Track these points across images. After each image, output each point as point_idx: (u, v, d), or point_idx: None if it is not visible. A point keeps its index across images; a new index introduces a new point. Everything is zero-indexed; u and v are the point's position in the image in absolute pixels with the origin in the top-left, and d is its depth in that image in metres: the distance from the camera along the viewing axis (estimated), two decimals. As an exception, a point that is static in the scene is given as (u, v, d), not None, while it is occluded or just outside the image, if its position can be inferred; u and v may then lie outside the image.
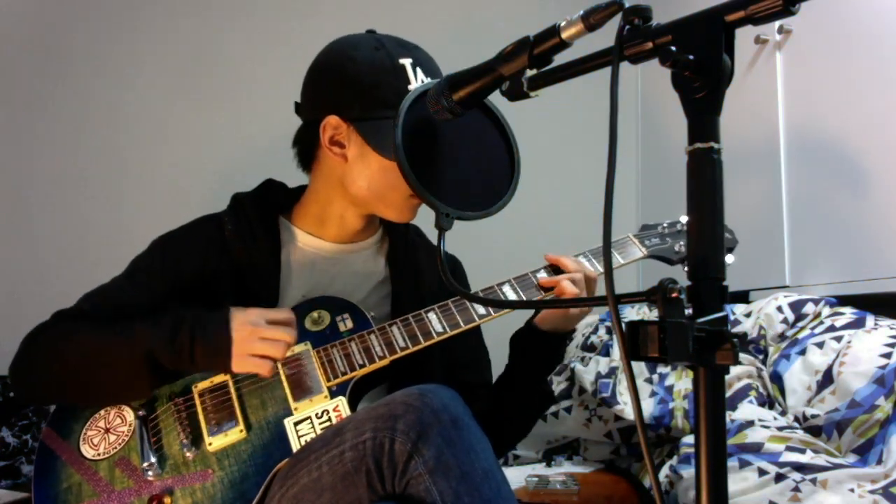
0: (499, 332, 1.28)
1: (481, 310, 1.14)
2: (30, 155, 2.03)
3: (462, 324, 1.13)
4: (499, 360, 1.33)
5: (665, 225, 1.32)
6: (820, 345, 1.40)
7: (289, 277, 1.21)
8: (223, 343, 1.02)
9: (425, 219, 1.17)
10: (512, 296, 1.17)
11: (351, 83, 1.12)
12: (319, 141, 1.16)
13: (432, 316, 1.13)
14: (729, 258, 1.24)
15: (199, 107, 2.18)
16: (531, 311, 1.25)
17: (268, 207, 1.24)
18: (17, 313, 1.91)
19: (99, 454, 1.04)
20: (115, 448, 1.05)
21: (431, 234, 1.09)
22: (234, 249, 1.18)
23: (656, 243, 1.28)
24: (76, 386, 1.07)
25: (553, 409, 1.77)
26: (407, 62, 1.13)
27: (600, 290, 1.28)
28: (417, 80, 1.12)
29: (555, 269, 1.20)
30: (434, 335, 1.12)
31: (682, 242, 1.29)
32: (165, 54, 2.17)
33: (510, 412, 1.24)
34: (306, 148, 1.22)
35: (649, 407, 1.56)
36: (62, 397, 1.11)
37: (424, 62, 1.15)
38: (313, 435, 1.02)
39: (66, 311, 1.14)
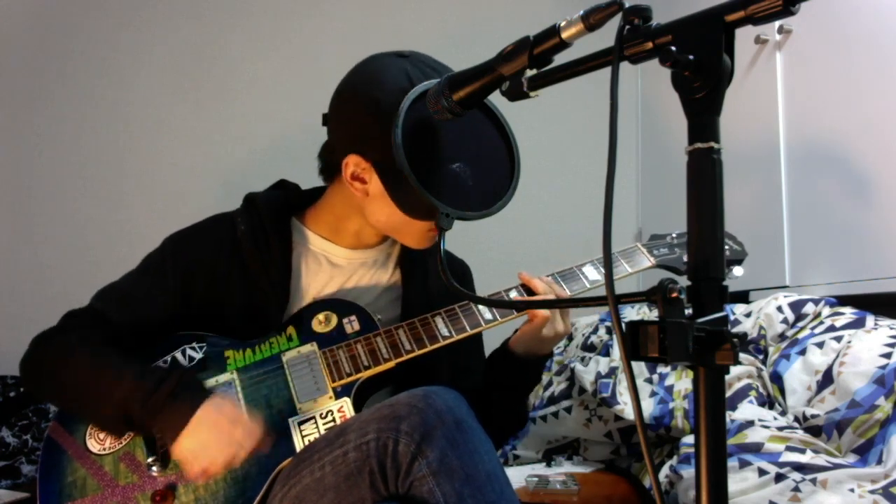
0: (503, 339, 1.28)
1: (488, 315, 1.14)
2: (30, 155, 2.04)
3: (468, 328, 1.13)
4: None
5: (674, 235, 1.31)
6: (820, 345, 1.40)
7: (299, 279, 1.20)
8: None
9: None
10: None
11: (373, 122, 1.04)
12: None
13: (439, 320, 1.14)
14: (738, 270, 1.23)
15: (199, 107, 2.18)
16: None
17: (280, 208, 1.23)
18: (18, 313, 1.93)
19: (104, 449, 1.05)
20: (121, 443, 1.05)
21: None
22: (245, 249, 1.17)
23: (665, 253, 1.28)
24: (70, 405, 1.08)
25: (553, 409, 1.77)
26: None
27: (573, 313, 1.31)
28: None
29: (527, 288, 1.18)
30: (440, 339, 1.12)
31: None
32: (166, 54, 2.17)
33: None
34: (330, 166, 1.19)
35: (649, 407, 1.56)
36: (61, 407, 1.12)
37: None
38: (317, 435, 1.02)
39: (78, 311, 1.14)
